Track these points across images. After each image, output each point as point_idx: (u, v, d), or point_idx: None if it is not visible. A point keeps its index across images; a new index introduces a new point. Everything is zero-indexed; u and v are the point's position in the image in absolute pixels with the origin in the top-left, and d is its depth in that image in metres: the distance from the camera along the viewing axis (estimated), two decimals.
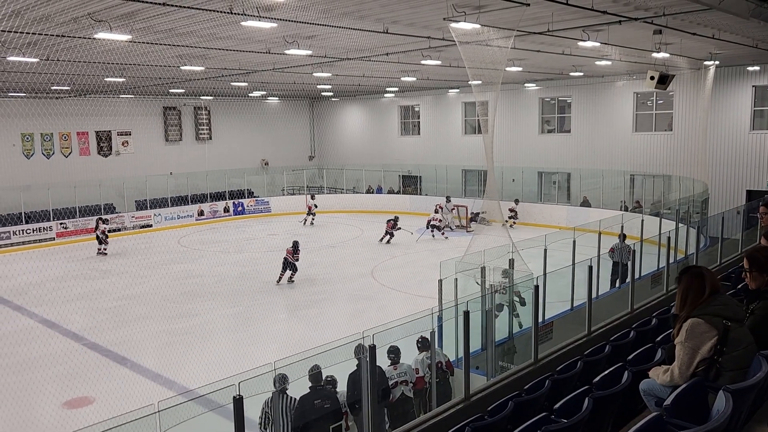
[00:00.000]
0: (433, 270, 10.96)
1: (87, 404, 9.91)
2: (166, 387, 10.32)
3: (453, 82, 25.84)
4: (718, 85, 20.84)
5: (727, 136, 21.79)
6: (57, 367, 11.03)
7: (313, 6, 10.22)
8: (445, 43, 13.57)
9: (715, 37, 13.76)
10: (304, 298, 15.63)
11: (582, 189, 25.66)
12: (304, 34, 13.00)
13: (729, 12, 9.81)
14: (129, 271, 19.09)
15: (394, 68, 19.35)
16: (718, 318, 3.82)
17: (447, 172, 29.59)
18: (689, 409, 3.51)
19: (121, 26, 11.15)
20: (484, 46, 11.22)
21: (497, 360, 8.58)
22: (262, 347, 11.97)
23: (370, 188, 32.70)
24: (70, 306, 14.42)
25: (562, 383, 5.25)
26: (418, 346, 8.24)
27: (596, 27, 12.41)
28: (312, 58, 16.23)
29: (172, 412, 3.98)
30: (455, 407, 5.49)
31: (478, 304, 8.54)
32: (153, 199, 27.78)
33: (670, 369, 3.93)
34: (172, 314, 14.61)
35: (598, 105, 25.30)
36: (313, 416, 6.85)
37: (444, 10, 10.28)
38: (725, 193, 21.70)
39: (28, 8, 9.49)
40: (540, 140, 27.42)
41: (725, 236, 10.84)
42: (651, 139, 23.94)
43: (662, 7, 10.82)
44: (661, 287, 8.84)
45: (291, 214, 29.70)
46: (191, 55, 15.49)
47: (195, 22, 11.20)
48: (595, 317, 7.07)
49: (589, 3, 10.10)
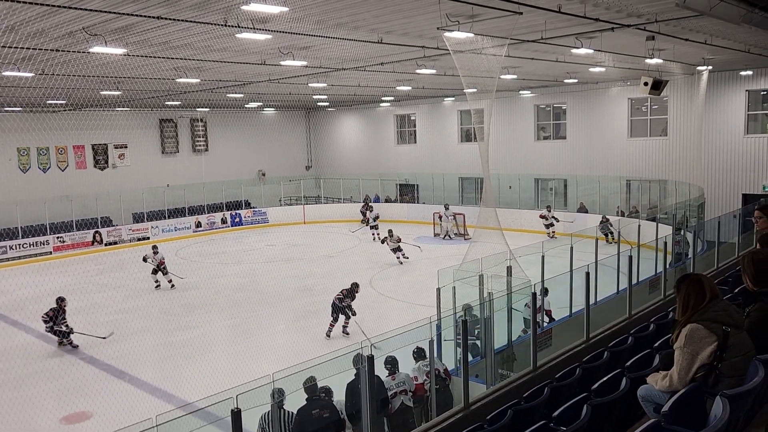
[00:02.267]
0: (431, 278, 10.97)
1: (86, 419, 9.86)
2: (165, 400, 10.28)
3: (448, 90, 25.93)
4: (711, 90, 20.95)
5: (722, 140, 21.89)
6: (55, 381, 10.98)
7: (308, 17, 10.27)
8: (439, 52, 13.63)
9: (707, 42, 13.85)
10: (302, 309, 15.60)
11: (579, 195, 25.73)
12: (299, 45, 13.05)
13: (720, 18, 9.87)
14: (126, 284, 19.04)
15: (389, 78, 19.42)
16: (717, 324, 3.81)
17: (444, 180, 29.63)
18: (687, 414, 3.50)
19: (116, 40, 11.18)
20: (478, 54, 11.28)
21: (496, 368, 8.58)
22: (261, 359, 11.93)
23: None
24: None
25: (561, 390, 5.24)
26: (414, 356, 8.25)
27: (589, 34, 12.49)
28: (307, 68, 16.29)
29: (170, 426, 3.97)
30: (455, 416, 5.48)
31: (476, 311, 8.55)
32: (150, 211, 27.74)
33: (669, 374, 3.92)
34: (170, 327, 14.56)
35: (593, 111, 25.40)
36: (313, 427, 6.82)
37: (437, 20, 10.33)
38: (721, 198, 21.76)
39: (23, 23, 9.51)
40: (536, 147, 27.50)
41: (722, 240, 10.87)
42: (646, 145, 24.04)
43: (654, 13, 10.89)
44: (658, 292, 8.85)
45: (289, 224, 29.71)
46: (187, 68, 15.54)
47: (190, 34, 11.24)
48: (594, 323, 7.07)
49: (581, 11, 10.18)
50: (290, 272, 19.66)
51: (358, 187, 32.38)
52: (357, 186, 32.40)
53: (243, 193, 31.15)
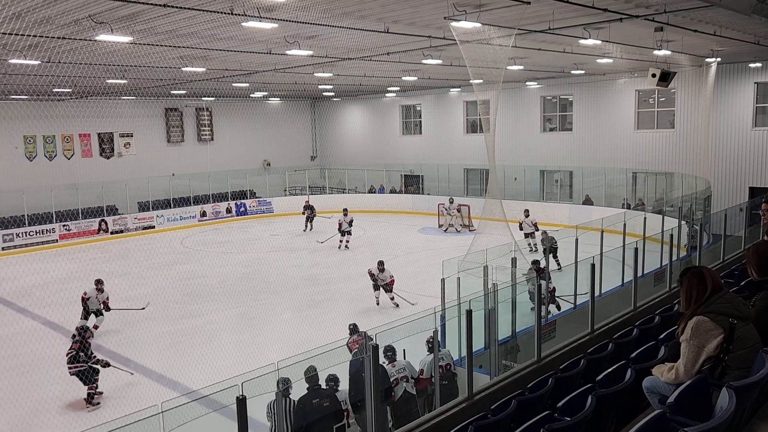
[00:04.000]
0: (436, 269, 10.96)
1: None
2: (170, 388, 10.34)
3: (454, 81, 25.82)
4: (720, 82, 20.80)
5: (730, 133, 21.75)
6: (61, 368, 11.02)
7: (314, 6, 10.21)
8: (446, 42, 13.56)
9: (716, 33, 13.72)
10: (306, 299, 15.64)
11: (584, 187, 25.64)
12: (305, 35, 13.01)
13: (730, 8, 9.79)
14: (132, 272, 19.11)
15: (395, 68, 19.34)
16: (723, 316, 3.81)
17: (449, 171, 29.57)
18: (693, 406, 3.50)
19: (122, 28, 11.16)
20: (485, 44, 11.23)
21: (500, 359, 8.59)
22: (266, 348, 11.99)
23: (372, 188, 32.71)
24: (73, 308, 14.40)
25: (565, 382, 5.25)
26: (429, 346, 8.19)
27: (597, 25, 12.39)
28: (313, 58, 16.24)
29: (175, 413, 4.00)
30: (458, 406, 5.48)
31: (480, 303, 8.55)
32: (155, 200, 27.82)
33: (675, 366, 3.92)
34: (175, 315, 14.63)
35: (600, 103, 25.26)
36: (313, 416, 6.85)
37: (445, 9, 10.28)
38: (728, 190, 21.65)
39: (29, 11, 9.50)
40: (542, 138, 27.39)
41: (728, 233, 10.82)
42: (653, 137, 23.91)
43: (663, 4, 10.79)
44: (664, 285, 8.83)
45: (293, 214, 29.69)
46: (192, 56, 15.50)
47: (196, 23, 11.21)
48: (598, 315, 7.06)
49: (589, 1, 10.09)
50: (295, 262, 19.71)
51: (364, 178, 32.35)
52: (362, 176, 32.37)
53: (248, 183, 31.19)
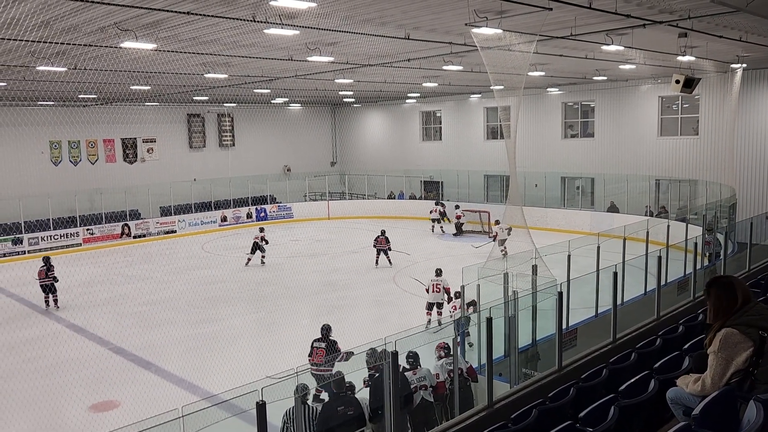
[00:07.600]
0: (456, 276, 10.92)
1: (113, 408, 10.05)
2: (190, 391, 10.41)
3: (475, 87, 25.77)
4: (745, 88, 20.46)
5: (755, 140, 21.38)
6: (83, 371, 11.19)
7: (335, 13, 10.27)
8: (466, 48, 13.53)
9: (742, 39, 13.52)
10: (326, 304, 15.66)
11: (606, 194, 25.38)
12: (326, 41, 13.07)
13: (757, 14, 9.64)
14: (153, 276, 19.32)
15: (415, 74, 19.35)
16: (753, 329, 3.71)
17: (469, 177, 29.48)
18: (719, 419, 3.43)
19: (146, 35, 11.33)
20: (506, 51, 11.17)
21: (520, 367, 8.51)
22: (285, 353, 12.00)
23: (391, 194, 32.71)
24: (96, 311, 14.64)
25: (587, 391, 5.18)
26: (443, 353, 8.18)
27: (620, 31, 12.27)
28: (334, 64, 16.31)
29: (196, 417, 4.02)
30: (478, 414, 5.44)
31: (501, 310, 8.49)
32: (177, 205, 28.10)
33: (702, 378, 3.84)
34: (195, 319, 14.75)
35: (622, 109, 25.01)
36: (336, 422, 6.83)
37: (466, 16, 10.25)
38: (753, 198, 21.27)
39: (56, 19, 9.69)
40: (563, 145, 27.19)
41: (754, 242, 10.63)
42: (677, 144, 23.59)
43: (688, 9, 10.67)
44: (687, 294, 8.68)
45: (313, 219, 29.85)
46: (215, 63, 15.67)
47: (219, 30, 11.33)
48: (621, 324, 6.96)
49: (612, 6, 10.00)
50: (314, 267, 19.76)
51: (383, 184, 32.37)
52: (382, 182, 32.40)
53: (268, 188, 31.38)
